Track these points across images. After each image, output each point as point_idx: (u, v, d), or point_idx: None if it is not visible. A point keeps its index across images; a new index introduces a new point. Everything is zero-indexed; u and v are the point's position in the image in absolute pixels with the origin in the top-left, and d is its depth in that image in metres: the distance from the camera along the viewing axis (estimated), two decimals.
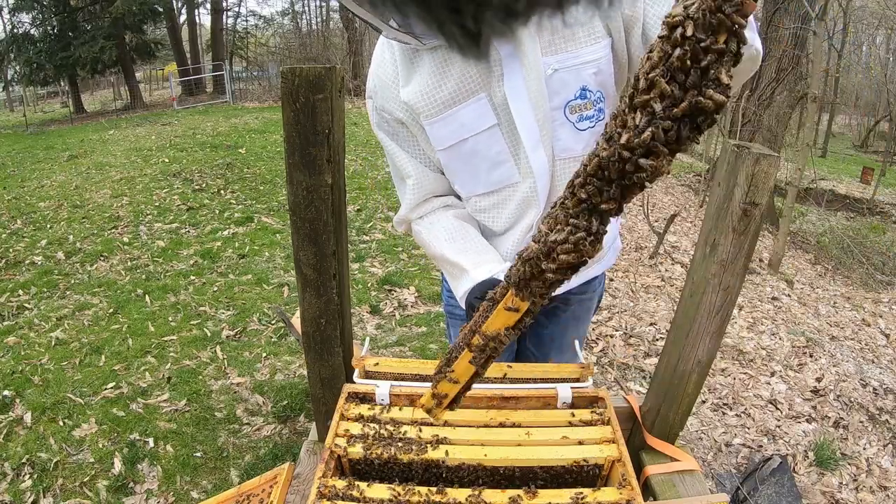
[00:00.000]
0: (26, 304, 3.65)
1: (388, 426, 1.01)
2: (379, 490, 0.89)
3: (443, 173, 1.22)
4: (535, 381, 1.18)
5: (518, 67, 1.04)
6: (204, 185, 6.22)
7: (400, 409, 1.06)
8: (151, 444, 2.35)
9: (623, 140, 0.43)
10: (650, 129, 0.41)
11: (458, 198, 1.27)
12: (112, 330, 3.28)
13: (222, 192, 6.04)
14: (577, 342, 1.35)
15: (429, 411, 0.74)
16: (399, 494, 0.88)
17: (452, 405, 0.74)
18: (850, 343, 3.78)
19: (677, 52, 0.39)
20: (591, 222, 0.48)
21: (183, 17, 20.21)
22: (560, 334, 1.47)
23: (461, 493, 0.89)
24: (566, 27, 1.01)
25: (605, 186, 0.46)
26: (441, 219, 1.22)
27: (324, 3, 20.51)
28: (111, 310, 3.52)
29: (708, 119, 0.40)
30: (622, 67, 1.08)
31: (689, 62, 0.39)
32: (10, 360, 2.97)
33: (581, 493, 0.89)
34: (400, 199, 1.27)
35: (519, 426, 1.03)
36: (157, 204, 5.64)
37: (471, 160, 1.14)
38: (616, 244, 1.39)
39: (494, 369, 1.20)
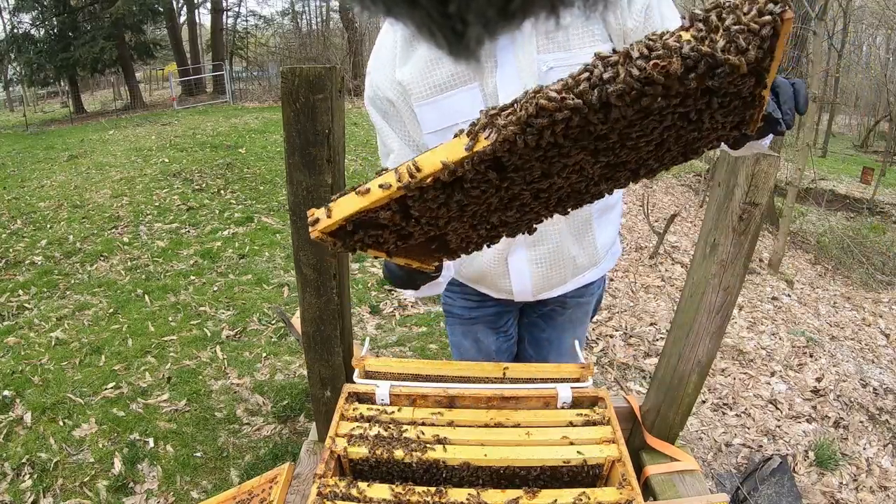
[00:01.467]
0: (26, 304, 3.64)
1: (389, 426, 1.01)
2: (379, 490, 0.89)
3: None
4: (535, 381, 1.18)
5: (512, 60, 1.04)
6: (204, 185, 6.22)
7: (400, 410, 1.06)
8: (151, 444, 2.35)
9: (647, 37, 0.51)
10: (673, 40, 0.50)
11: None
12: (112, 330, 3.28)
13: (222, 192, 6.04)
14: (576, 342, 1.36)
15: (310, 224, 0.64)
16: (399, 494, 0.88)
17: (330, 236, 0.64)
18: (850, 343, 3.78)
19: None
20: (589, 81, 0.51)
21: (183, 17, 20.20)
22: (557, 338, 1.47)
23: (461, 493, 0.89)
24: (560, 30, 1.01)
25: (608, 66, 0.51)
26: None
27: (324, 3, 20.51)
28: (111, 310, 3.52)
29: (724, 71, 0.50)
30: None
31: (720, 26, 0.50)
32: (10, 360, 2.97)
33: (581, 493, 0.89)
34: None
35: (519, 426, 1.03)
36: (157, 204, 5.64)
37: None
38: (615, 248, 1.38)
39: (494, 369, 1.20)
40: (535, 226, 0.75)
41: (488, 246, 0.78)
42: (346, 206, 0.62)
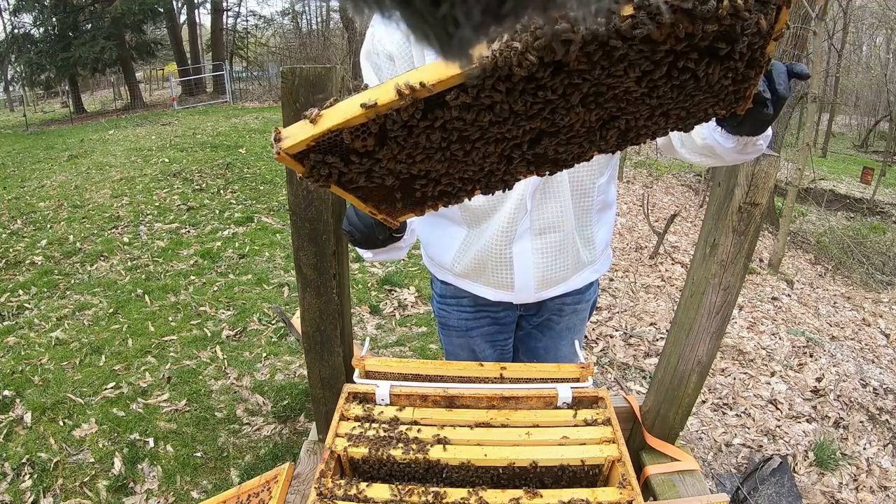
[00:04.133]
0: (26, 304, 3.64)
1: (389, 426, 1.01)
2: (379, 490, 0.89)
3: None
4: (534, 381, 1.18)
5: None
6: (204, 185, 6.22)
7: (400, 410, 1.06)
8: (151, 444, 2.35)
9: None
10: None
11: None
12: (112, 330, 3.28)
13: (222, 192, 6.04)
14: (576, 342, 1.36)
15: (274, 141, 0.54)
16: (399, 494, 0.88)
17: (296, 160, 0.55)
18: (850, 343, 3.78)
19: None
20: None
21: (183, 17, 20.21)
22: (554, 347, 1.46)
23: (461, 493, 0.89)
24: None
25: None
26: None
27: (324, 3, 20.51)
28: (111, 310, 3.52)
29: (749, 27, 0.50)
30: None
31: None
32: (10, 360, 2.97)
33: (581, 493, 0.89)
34: None
35: (519, 426, 1.03)
36: (157, 204, 5.64)
37: None
38: (608, 252, 1.39)
39: (493, 369, 1.20)
40: (512, 184, 0.68)
41: (457, 202, 0.69)
42: (330, 117, 0.51)
